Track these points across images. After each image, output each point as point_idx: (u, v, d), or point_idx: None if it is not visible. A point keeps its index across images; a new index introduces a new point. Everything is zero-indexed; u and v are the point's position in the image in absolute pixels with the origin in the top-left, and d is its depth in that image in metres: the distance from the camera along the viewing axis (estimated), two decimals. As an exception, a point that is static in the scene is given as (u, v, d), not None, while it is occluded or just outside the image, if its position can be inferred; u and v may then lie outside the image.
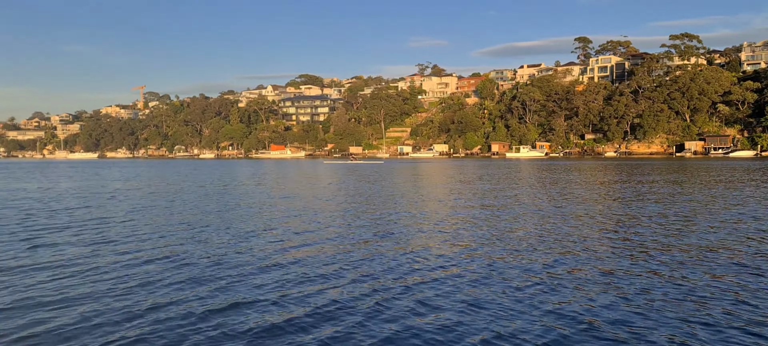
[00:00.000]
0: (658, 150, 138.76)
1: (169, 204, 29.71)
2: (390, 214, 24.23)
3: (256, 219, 22.80)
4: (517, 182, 44.77)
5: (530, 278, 12.23)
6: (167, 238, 18.09)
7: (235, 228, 20.21)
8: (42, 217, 24.08)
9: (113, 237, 18.34)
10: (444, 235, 18.42)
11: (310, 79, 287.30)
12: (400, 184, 45.01)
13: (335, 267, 13.61)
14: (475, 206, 27.04)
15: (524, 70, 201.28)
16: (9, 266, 13.97)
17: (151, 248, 16.21)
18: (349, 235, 18.57)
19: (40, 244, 17.13)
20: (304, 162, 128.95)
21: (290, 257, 14.93)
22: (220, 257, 14.83)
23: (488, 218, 22.44)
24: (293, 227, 20.32)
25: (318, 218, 23.12)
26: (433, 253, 15.30)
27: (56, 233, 19.36)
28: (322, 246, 16.51)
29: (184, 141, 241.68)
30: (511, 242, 16.87)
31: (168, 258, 14.79)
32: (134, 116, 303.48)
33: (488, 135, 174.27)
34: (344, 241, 17.39)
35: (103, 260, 14.50)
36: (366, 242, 17.05)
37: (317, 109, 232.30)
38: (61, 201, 31.72)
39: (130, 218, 23.38)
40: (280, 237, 18.13)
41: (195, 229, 20.08)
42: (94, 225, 21.22)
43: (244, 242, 17.14)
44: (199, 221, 22.38)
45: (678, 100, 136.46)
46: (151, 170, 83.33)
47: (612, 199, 30.16)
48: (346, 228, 20.12)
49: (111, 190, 41.17)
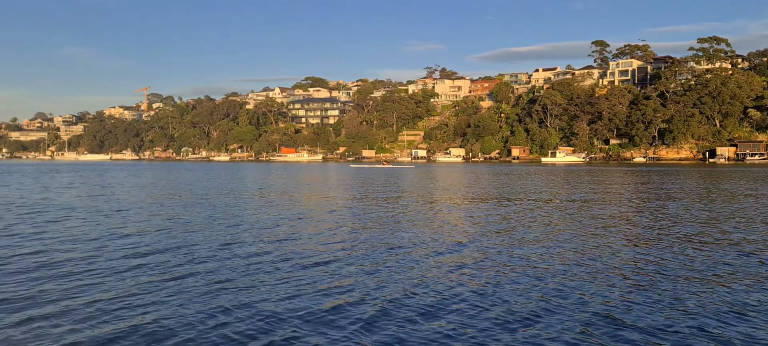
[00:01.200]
0: (687, 156, 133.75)
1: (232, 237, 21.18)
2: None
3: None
4: (609, 195, 39.43)
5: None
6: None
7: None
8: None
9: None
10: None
11: (317, 82, 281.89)
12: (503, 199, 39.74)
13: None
14: (632, 237, 21.72)
15: (539, 73, 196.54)
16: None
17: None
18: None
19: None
20: (328, 166, 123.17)
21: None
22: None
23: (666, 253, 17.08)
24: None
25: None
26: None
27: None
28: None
29: (192, 143, 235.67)
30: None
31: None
32: (138, 118, 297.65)
33: (507, 139, 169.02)
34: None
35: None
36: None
37: (327, 111, 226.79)
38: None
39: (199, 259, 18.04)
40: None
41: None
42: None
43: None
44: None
45: (709, 104, 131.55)
46: (170, 175, 77.74)
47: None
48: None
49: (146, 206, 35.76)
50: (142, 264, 14.41)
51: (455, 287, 12.21)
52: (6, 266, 14.12)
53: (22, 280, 12.82)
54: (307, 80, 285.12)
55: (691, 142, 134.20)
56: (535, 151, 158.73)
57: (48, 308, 10.59)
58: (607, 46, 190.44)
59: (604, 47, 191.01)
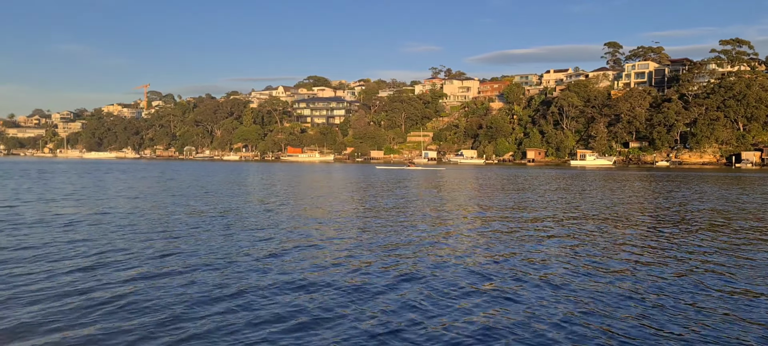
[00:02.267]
0: (710, 160, 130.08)
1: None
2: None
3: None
4: (691, 203, 35.19)
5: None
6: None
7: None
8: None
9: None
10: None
11: (319, 81, 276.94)
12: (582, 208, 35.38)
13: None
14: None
15: (551, 75, 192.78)
16: None
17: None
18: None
19: None
20: (348, 168, 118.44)
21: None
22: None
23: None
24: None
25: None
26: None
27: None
28: None
29: (195, 142, 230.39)
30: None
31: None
32: (138, 116, 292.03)
33: (521, 141, 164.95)
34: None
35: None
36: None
37: (333, 111, 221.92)
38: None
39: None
40: None
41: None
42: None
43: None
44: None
45: (733, 108, 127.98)
46: (192, 178, 72.92)
47: None
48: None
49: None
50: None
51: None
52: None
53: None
54: (310, 80, 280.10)
55: (715, 147, 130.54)
56: (550, 154, 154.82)
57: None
58: (619, 47, 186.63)
59: (616, 49, 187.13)
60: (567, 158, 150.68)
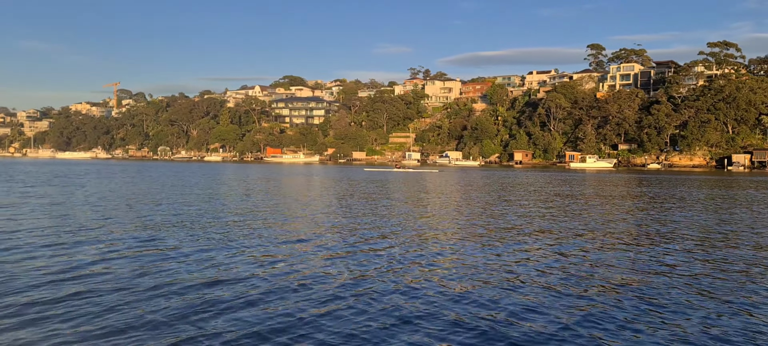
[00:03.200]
0: (700, 163, 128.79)
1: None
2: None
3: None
4: (730, 212, 31.78)
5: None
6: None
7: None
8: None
9: None
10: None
11: (296, 81, 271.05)
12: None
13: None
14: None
15: (533, 76, 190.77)
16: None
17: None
18: None
19: None
20: (335, 169, 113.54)
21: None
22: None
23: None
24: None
25: None
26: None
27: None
28: None
29: (169, 142, 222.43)
30: None
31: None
32: (107, 114, 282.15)
33: (507, 143, 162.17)
34: None
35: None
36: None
37: (312, 111, 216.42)
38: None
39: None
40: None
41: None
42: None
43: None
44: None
45: (723, 110, 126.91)
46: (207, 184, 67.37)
47: None
48: None
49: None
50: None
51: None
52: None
53: None
54: (285, 79, 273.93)
55: (705, 149, 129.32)
56: (538, 156, 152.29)
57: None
58: (602, 49, 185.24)
59: (599, 51, 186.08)
60: (555, 160, 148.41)
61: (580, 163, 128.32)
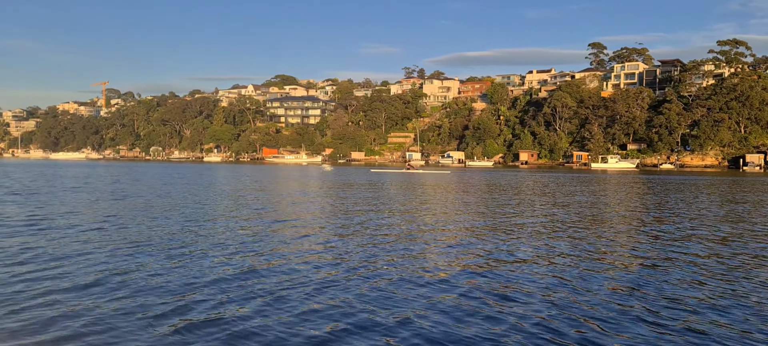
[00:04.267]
0: (712, 163, 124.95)
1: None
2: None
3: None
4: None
5: None
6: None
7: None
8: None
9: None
10: None
11: (288, 80, 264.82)
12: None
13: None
14: None
15: (533, 75, 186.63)
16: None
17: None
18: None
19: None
20: (342, 171, 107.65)
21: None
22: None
23: None
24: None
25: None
26: None
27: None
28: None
29: (162, 142, 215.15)
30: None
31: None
32: (96, 114, 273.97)
33: (511, 143, 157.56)
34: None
35: None
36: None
37: (308, 110, 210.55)
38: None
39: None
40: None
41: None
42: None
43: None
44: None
45: (736, 109, 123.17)
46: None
47: None
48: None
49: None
50: None
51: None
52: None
53: None
54: (277, 78, 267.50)
55: (717, 149, 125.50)
56: (544, 156, 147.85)
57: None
58: (604, 48, 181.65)
59: (601, 50, 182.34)
60: (562, 160, 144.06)
61: (601, 163, 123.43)
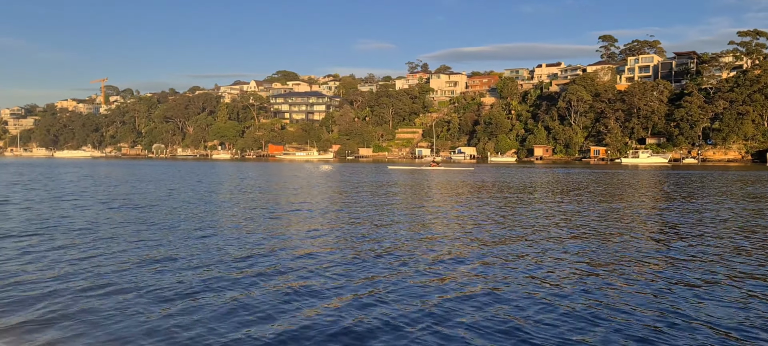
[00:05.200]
0: (735, 157, 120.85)
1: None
2: None
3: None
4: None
5: None
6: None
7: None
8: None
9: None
10: None
11: (289, 76, 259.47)
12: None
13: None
14: None
15: (543, 69, 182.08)
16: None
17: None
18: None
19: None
20: (359, 168, 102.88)
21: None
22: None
23: None
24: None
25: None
26: None
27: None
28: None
29: (164, 139, 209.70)
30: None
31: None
32: (95, 111, 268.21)
33: (524, 138, 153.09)
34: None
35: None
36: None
37: (312, 106, 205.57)
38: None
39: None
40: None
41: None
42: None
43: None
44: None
45: (760, 102, 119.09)
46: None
47: None
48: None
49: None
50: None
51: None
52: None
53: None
54: (279, 74, 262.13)
55: (740, 143, 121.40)
56: (559, 151, 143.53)
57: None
58: (615, 41, 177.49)
59: (612, 43, 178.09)
60: (578, 155, 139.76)
61: (632, 158, 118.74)
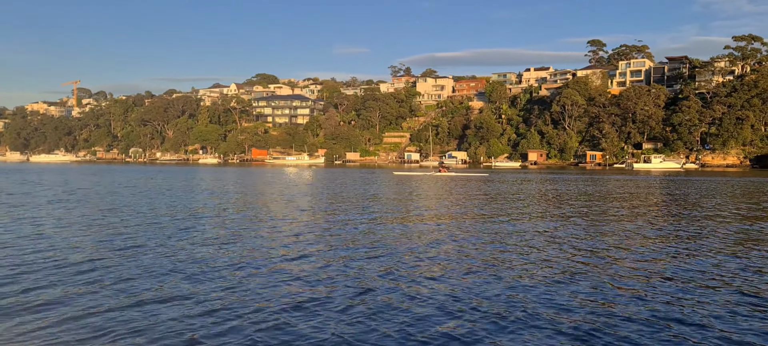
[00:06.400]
0: (733, 162, 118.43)
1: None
2: None
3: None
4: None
5: None
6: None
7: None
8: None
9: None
10: None
11: (268, 79, 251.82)
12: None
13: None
14: None
15: (531, 73, 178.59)
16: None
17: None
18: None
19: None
20: (357, 174, 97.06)
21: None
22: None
23: None
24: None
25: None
26: None
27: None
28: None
29: (142, 143, 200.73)
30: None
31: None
32: (67, 114, 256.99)
33: (517, 143, 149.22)
34: None
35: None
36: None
37: (296, 110, 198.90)
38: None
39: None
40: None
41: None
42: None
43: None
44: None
45: (758, 107, 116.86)
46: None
47: None
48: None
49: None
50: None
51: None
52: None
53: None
54: (258, 77, 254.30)
55: (738, 148, 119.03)
56: (553, 156, 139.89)
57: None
58: (603, 45, 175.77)
59: (600, 47, 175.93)
60: (573, 160, 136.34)
61: (644, 164, 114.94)
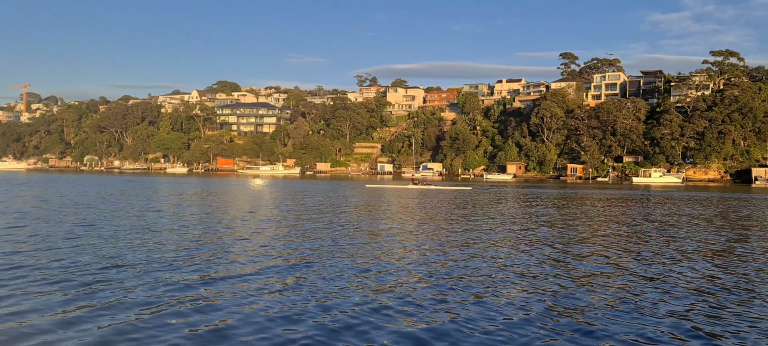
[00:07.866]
0: (714, 176, 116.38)
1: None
2: None
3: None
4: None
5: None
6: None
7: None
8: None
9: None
10: None
11: (229, 86, 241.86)
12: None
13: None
14: None
15: (503, 85, 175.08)
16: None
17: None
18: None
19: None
20: (336, 186, 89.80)
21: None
22: None
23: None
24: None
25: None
26: None
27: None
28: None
29: (98, 151, 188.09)
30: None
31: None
32: (15, 119, 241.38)
33: (494, 155, 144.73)
34: None
35: None
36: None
37: (262, 118, 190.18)
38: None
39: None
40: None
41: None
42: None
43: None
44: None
45: (739, 121, 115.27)
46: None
47: None
48: None
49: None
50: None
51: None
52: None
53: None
54: (218, 85, 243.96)
55: (719, 163, 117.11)
56: (532, 169, 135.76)
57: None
58: (576, 58, 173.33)
59: (572, 60, 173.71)
60: (553, 173, 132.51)
61: (643, 178, 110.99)
